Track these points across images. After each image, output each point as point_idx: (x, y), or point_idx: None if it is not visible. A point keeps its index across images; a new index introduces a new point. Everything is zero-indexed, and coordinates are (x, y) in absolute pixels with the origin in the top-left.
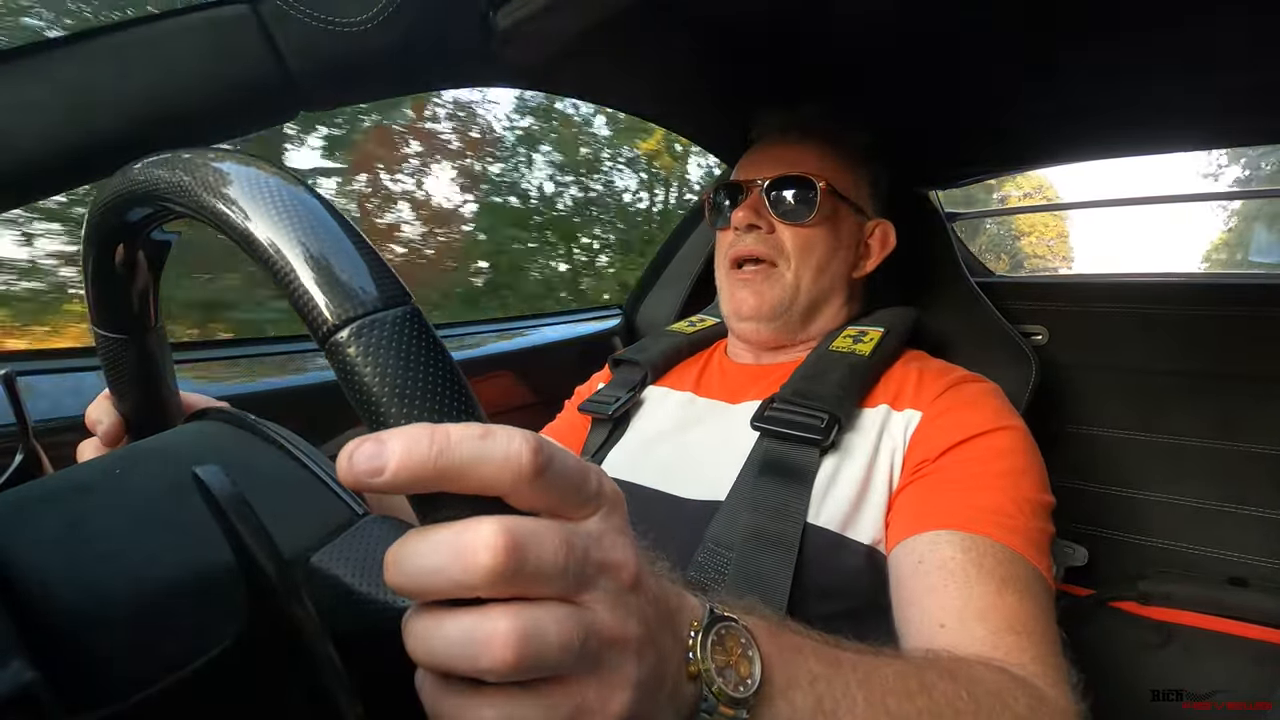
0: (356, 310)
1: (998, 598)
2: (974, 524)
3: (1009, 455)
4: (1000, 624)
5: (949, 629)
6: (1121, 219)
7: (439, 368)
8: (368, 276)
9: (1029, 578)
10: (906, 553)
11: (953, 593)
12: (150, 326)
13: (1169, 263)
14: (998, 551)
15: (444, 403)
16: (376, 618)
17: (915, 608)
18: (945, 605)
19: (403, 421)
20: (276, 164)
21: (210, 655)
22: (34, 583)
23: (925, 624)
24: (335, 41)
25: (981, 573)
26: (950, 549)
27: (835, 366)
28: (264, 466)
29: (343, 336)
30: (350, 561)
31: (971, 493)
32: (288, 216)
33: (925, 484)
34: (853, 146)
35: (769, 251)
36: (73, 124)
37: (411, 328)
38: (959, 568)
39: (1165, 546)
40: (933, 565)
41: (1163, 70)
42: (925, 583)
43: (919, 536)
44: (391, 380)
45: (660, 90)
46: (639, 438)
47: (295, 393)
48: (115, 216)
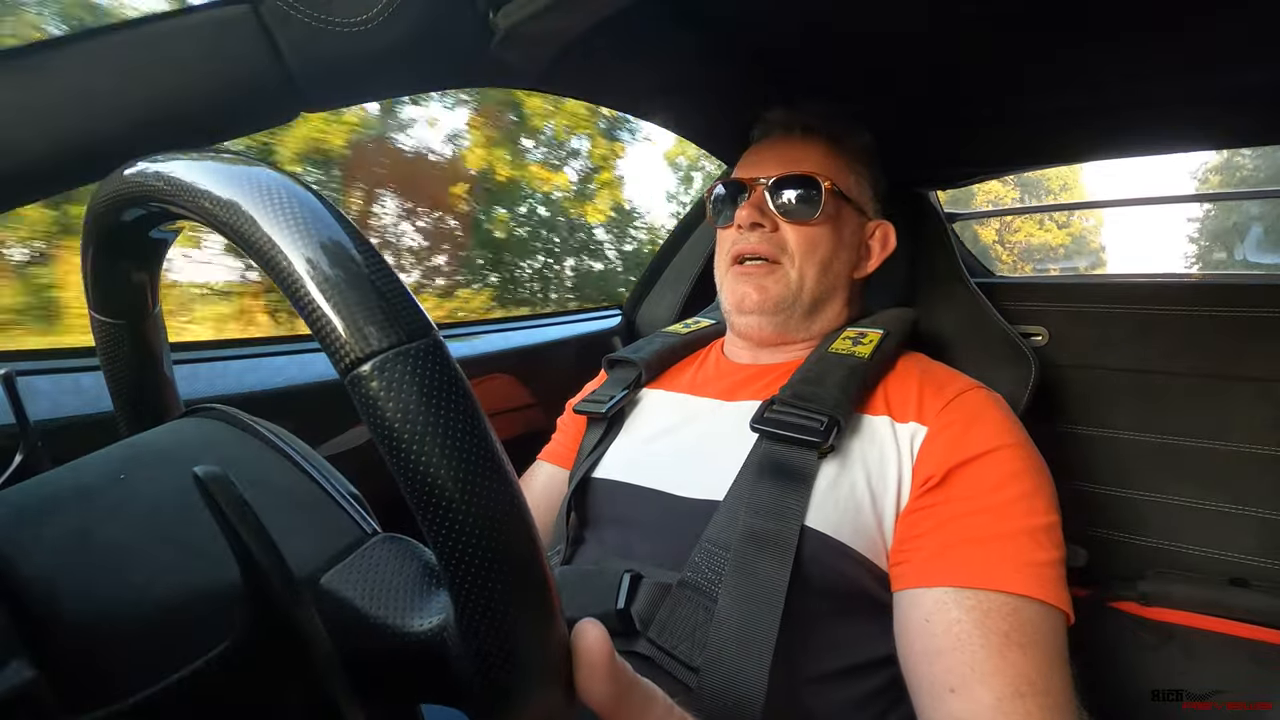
0: (380, 344)
1: (1001, 659)
2: (981, 578)
3: (1018, 478)
4: (1006, 689)
5: (958, 694)
6: (1120, 219)
7: (461, 405)
8: (393, 307)
9: (1036, 622)
10: (913, 606)
11: (959, 657)
12: (148, 311)
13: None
14: (1004, 605)
15: (464, 443)
16: (387, 641)
17: (925, 667)
18: (952, 669)
19: (423, 459)
20: (304, 182)
21: (211, 658)
22: (39, 593)
23: (935, 686)
24: (335, 41)
25: (985, 632)
26: (957, 610)
27: (834, 369)
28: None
29: (365, 370)
30: (361, 584)
31: (981, 541)
32: (312, 240)
33: (934, 521)
34: (854, 146)
35: (772, 250)
36: (73, 124)
37: (434, 361)
38: (964, 631)
39: (1165, 547)
40: (939, 627)
41: (1163, 70)
42: (933, 644)
43: (926, 592)
44: (414, 418)
45: (660, 90)
46: (634, 437)
47: (296, 393)
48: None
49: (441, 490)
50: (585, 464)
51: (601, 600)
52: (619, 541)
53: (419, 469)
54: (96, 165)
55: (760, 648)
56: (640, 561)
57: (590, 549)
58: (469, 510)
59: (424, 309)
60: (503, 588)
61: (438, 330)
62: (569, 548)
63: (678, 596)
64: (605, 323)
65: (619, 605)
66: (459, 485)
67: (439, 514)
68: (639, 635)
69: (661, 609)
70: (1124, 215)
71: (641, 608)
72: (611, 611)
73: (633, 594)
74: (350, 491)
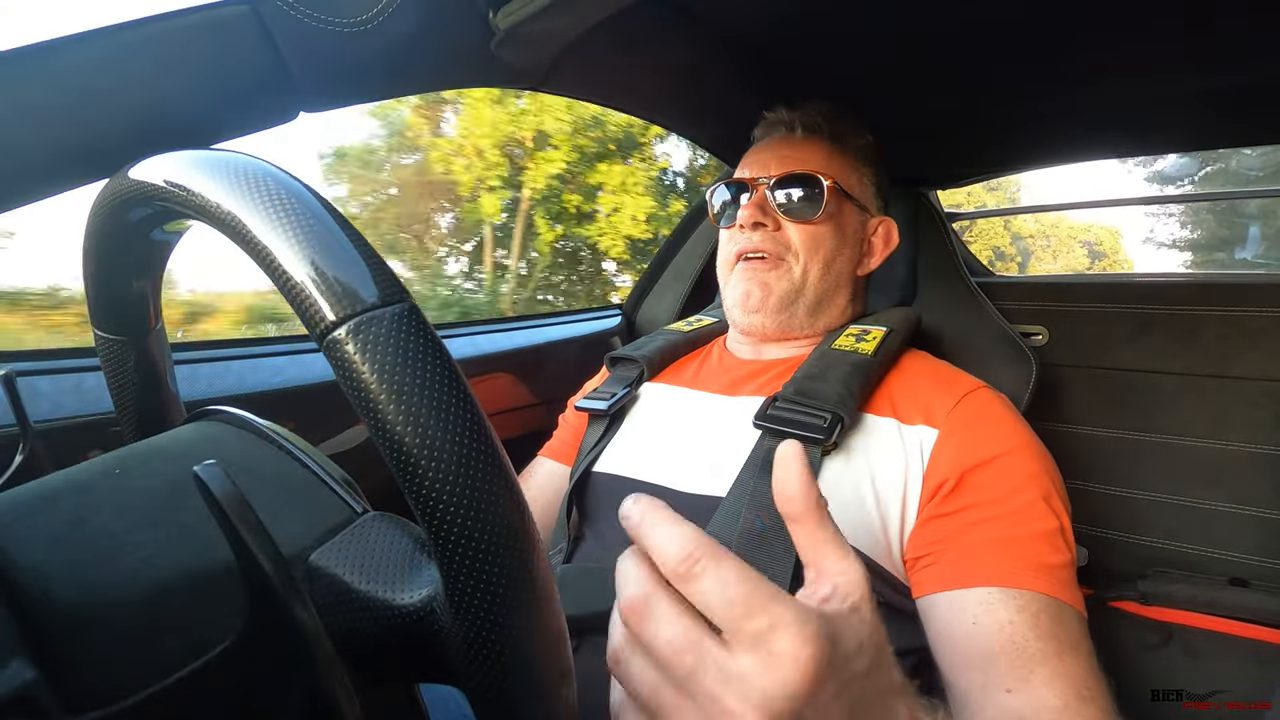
0: (354, 307)
1: (1059, 662)
2: (1023, 579)
3: (1036, 480)
4: (1070, 693)
5: (1016, 694)
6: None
7: (437, 365)
8: (365, 273)
9: (1078, 629)
10: (957, 610)
11: (1016, 659)
12: (150, 327)
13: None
14: (1051, 609)
15: (442, 401)
16: (376, 616)
17: (978, 672)
18: (1010, 671)
19: (400, 418)
20: (271, 161)
21: (210, 655)
22: (34, 582)
23: (991, 688)
24: (335, 41)
25: (1040, 635)
26: (1005, 610)
27: (838, 365)
28: (264, 466)
29: (341, 334)
30: (350, 560)
31: (1013, 543)
32: (284, 213)
33: (955, 525)
34: (856, 145)
35: (776, 248)
36: (73, 124)
37: (409, 325)
38: (1017, 632)
39: (1165, 546)
40: (990, 628)
41: (1163, 70)
42: (985, 646)
43: (968, 593)
44: (390, 378)
45: (661, 90)
46: (636, 432)
47: (295, 393)
48: (115, 218)
49: (419, 450)
50: (586, 459)
51: (604, 598)
52: (619, 537)
53: (397, 429)
54: (96, 165)
55: None
56: None
57: (590, 545)
58: (448, 467)
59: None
60: (490, 551)
61: (412, 298)
62: (570, 545)
63: None
64: (605, 322)
65: None
66: (439, 444)
67: (417, 473)
68: None
69: None
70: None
71: None
72: (614, 609)
73: None
74: (342, 476)
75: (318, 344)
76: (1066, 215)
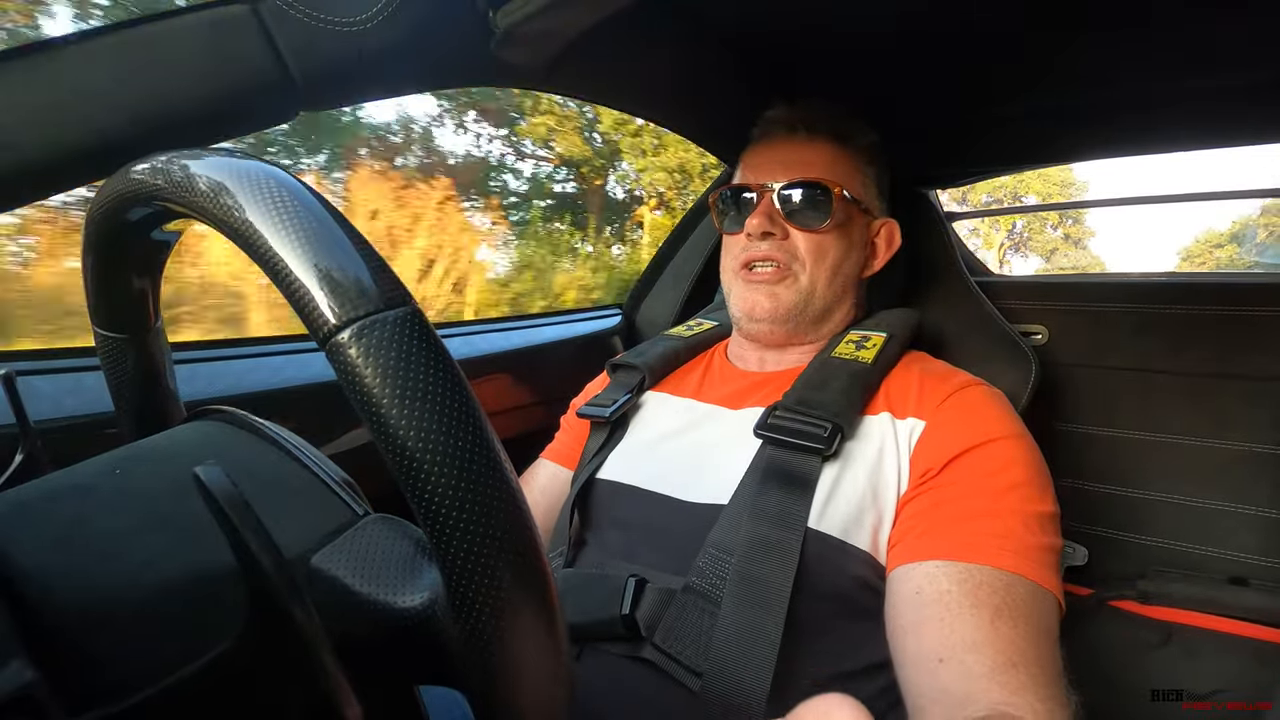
0: (357, 311)
1: (991, 629)
2: (973, 553)
3: (1012, 467)
4: (997, 659)
5: (947, 663)
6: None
7: (440, 369)
8: (368, 277)
9: (1027, 600)
10: (904, 581)
11: (949, 626)
12: (150, 325)
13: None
14: (994, 579)
15: (444, 405)
16: (377, 618)
17: (912, 638)
18: (942, 639)
19: (402, 422)
20: (274, 163)
21: (210, 656)
22: (34, 583)
23: (923, 657)
24: (335, 41)
25: (976, 605)
26: (947, 581)
27: (838, 374)
28: (264, 467)
29: (344, 338)
30: (351, 562)
31: (973, 518)
32: (287, 215)
33: (929, 502)
34: (861, 145)
35: (784, 256)
36: (73, 124)
37: (412, 328)
38: (954, 601)
39: (1165, 546)
40: (929, 597)
41: (1163, 69)
42: (922, 614)
43: (918, 566)
44: (392, 382)
45: (660, 89)
46: (639, 441)
47: (295, 393)
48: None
49: (422, 454)
50: (589, 467)
51: (606, 605)
52: (621, 545)
53: (399, 433)
54: (96, 165)
55: (763, 652)
56: (643, 565)
57: (592, 552)
58: (450, 471)
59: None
60: (491, 555)
61: (415, 302)
62: (570, 550)
63: (682, 602)
64: (605, 322)
65: (624, 610)
66: (441, 449)
67: (419, 477)
68: (644, 641)
69: (667, 614)
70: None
71: (646, 613)
72: (616, 616)
73: (637, 599)
74: (343, 477)
75: (320, 347)
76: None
